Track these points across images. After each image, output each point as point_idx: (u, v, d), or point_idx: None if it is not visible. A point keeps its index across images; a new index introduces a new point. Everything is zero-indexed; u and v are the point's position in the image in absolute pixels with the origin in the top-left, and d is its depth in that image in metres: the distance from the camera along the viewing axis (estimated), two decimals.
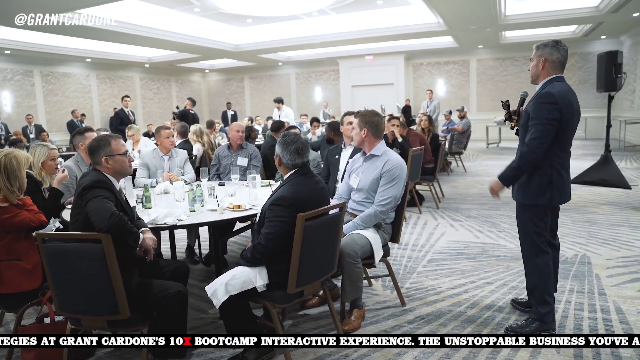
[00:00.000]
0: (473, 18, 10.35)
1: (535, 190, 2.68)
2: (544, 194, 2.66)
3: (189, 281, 3.17)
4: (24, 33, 10.39)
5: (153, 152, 4.60)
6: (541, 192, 2.66)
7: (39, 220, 2.66)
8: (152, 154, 4.56)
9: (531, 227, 2.75)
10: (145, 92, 17.47)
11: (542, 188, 2.66)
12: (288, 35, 12.93)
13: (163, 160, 4.53)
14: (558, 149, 2.64)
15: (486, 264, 4.01)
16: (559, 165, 2.65)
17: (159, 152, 4.56)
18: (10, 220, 2.57)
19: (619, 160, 9.21)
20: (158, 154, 4.55)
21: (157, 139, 4.59)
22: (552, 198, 2.66)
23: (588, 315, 2.99)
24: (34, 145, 3.46)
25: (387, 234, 3.16)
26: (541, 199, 2.67)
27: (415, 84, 16.63)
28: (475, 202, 6.43)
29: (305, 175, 2.63)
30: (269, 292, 2.51)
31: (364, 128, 3.13)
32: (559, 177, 2.65)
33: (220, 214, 3.03)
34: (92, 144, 2.55)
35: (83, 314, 2.32)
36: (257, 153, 4.79)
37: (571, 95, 2.63)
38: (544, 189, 2.65)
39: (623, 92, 13.03)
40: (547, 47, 2.66)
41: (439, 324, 2.96)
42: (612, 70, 6.60)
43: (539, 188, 2.67)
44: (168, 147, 4.54)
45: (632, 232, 4.71)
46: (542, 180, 2.65)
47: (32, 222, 2.63)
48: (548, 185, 2.65)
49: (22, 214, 2.61)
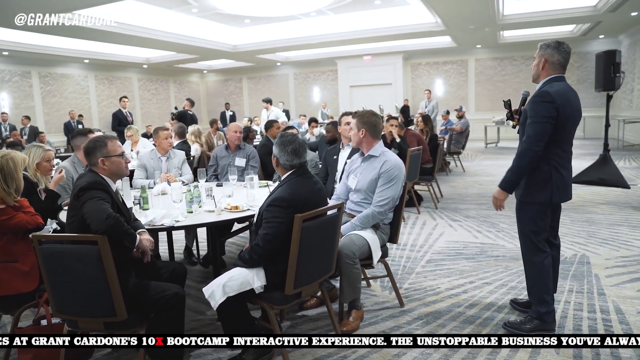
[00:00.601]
0: (471, 18, 10.35)
1: (535, 188, 2.67)
2: (543, 191, 2.65)
3: (187, 282, 3.16)
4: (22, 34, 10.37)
5: (151, 153, 4.58)
6: (540, 190, 2.66)
7: (35, 222, 2.65)
8: (150, 155, 4.55)
9: (530, 225, 2.74)
10: (144, 93, 17.44)
11: (542, 186, 2.65)
12: (286, 36, 12.92)
13: (161, 161, 4.51)
14: (557, 148, 2.63)
15: (485, 264, 4.00)
16: (558, 163, 2.64)
17: (157, 153, 4.54)
18: (7, 222, 2.55)
19: (617, 160, 9.21)
20: (156, 155, 4.53)
21: (155, 140, 4.57)
22: (551, 196, 2.65)
23: (587, 315, 2.98)
24: (29, 146, 3.45)
25: (385, 234, 3.15)
26: (540, 196, 2.67)
27: (413, 84, 16.63)
28: (474, 202, 6.42)
29: (303, 176, 2.62)
30: (266, 293, 2.50)
31: (362, 128, 3.12)
32: (559, 175, 2.65)
33: (218, 215, 3.02)
34: (89, 145, 2.54)
35: (80, 316, 2.31)
36: (255, 153, 4.78)
37: (570, 94, 2.63)
38: (543, 186, 2.65)
39: (621, 91, 13.05)
40: (549, 48, 2.67)
41: (437, 325, 2.95)
42: (611, 70, 6.61)
43: (538, 186, 2.66)
44: (166, 148, 4.53)
45: (631, 231, 4.71)
46: (540, 178, 2.65)
47: (29, 224, 2.62)
48: (547, 183, 2.64)
49: (18, 216, 2.59)
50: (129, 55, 14.54)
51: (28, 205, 2.70)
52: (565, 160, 2.70)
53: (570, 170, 2.75)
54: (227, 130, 4.83)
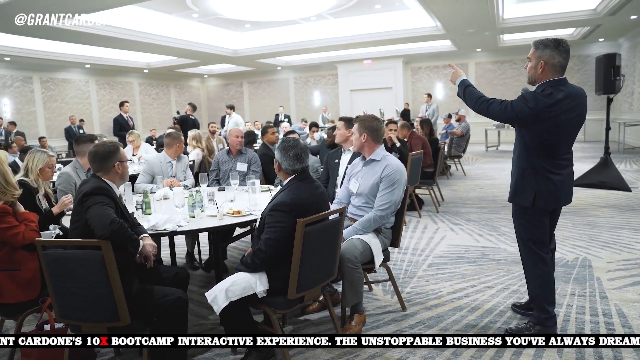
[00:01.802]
0: (471, 21, 10.38)
1: (520, 191, 2.66)
2: (527, 195, 2.62)
3: (189, 287, 3.16)
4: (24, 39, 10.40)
5: (160, 156, 4.60)
6: (523, 194, 2.63)
7: (31, 239, 2.57)
8: (159, 159, 4.56)
9: (527, 233, 2.72)
10: (144, 98, 17.49)
11: (525, 190, 2.62)
12: (286, 40, 12.97)
13: (171, 166, 4.53)
14: (546, 153, 2.56)
15: (487, 267, 4.01)
16: (545, 169, 2.56)
17: (167, 157, 4.56)
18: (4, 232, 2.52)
19: (618, 163, 9.22)
20: (166, 159, 4.55)
21: (172, 145, 4.58)
22: (534, 200, 2.59)
23: (590, 318, 2.98)
24: (33, 151, 3.44)
25: (387, 238, 3.15)
26: (523, 200, 2.64)
27: (413, 88, 16.66)
28: (475, 205, 6.43)
29: (305, 181, 2.63)
30: (269, 297, 2.50)
31: (364, 133, 3.12)
32: (545, 180, 2.56)
33: (220, 220, 3.03)
34: (104, 150, 2.55)
35: (83, 321, 2.31)
36: (257, 158, 4.79)
37: (575, 98, 2.52)
38: (527, 190, 2.61)
39: (622, 94, 13.07)
40: (548, 49, 2.50)
41: (439, 329, 2.95)
42: (611, 73, 6.63)
43: (522, 189, 2.64)
44: (179, 152, 4.59)
45: (633, 234, 4.71)
46: (525, 182, 2.63)
47: (25, 239, 2.55)
48: (531, 187, 2.60)
49: (19, 228, 2.55)
50: (130, 60, 14.60)
51: (34, 221, 2.67)
52: (556, 166, 2.58)
53: (566, 175, 2.63)
54: (229, 135, 4.85)
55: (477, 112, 2.68)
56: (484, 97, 2.66)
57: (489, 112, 2.61)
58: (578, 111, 2.56)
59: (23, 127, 12.23)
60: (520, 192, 2.66)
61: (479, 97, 2.66)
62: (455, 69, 2.89)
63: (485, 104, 2.62)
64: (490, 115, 2.63)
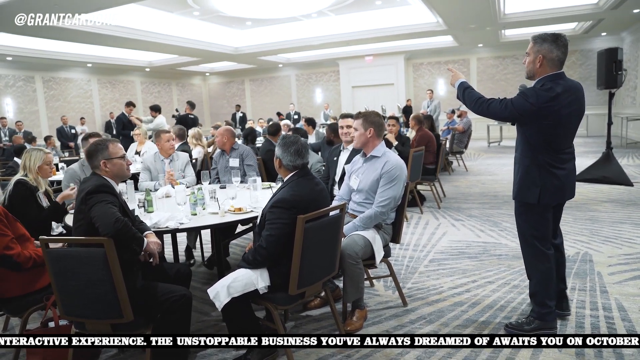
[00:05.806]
0: (472, 17, 10.37)
1: (524, 189, 2.66)
2: (532, 192, 2.62)
3: (192, 284, 3.18)
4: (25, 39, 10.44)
5: (154, 155, 4.61)
6: (528, 190, 2.64)
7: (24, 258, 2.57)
8: (153, 158, 4.58)
9: (530, 230, 2.73)
10: (146, 96, 17.52)
11: (530, 186, 2.63)
12: (288, 37, 12.97)
13: (164, 164, 4.54)
14: (548, 148, 2.57)
15: (488, 263, 4.02)
16: (548, 164, 2.58)
17: (160, 156, 4.58)
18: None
19: (620, 158, 9.20)
20: (159, 158, 4.56)
21: (158, 143, 4.59)
22: (540, 196, 2.60)
23: (590, 313, 2.99)
24: (29, 150, 3.45)
25: (387, 234, 3.17)
26: (529, 197, 2.64)
27: (415, 84, 16.64)
28: (476, 201, 6.43)
29: (305, 177, 2.65)
30: (270, 293, 2.53)
31: (370, 128, 3.13)
32: (549, 176, 2.58)
33: (222, 217, 3.05)
34: (90, 148, 2.55)
35: (87, 318, 2.33)
36: (249, 152, 4.71)
37: (577, 93, 2.53)
38: (532, 187, 2.62)
39: (624, 89, 13.03)
40: (546, 43, 2.51)
41: (440, 324, 2.97)
42: (613, 67, 6.60)
43: (527, 186, 2.64)
44: (169, 151, 4.55)
45: (634, 229, 4.71)
46: (529, 178, 2.63)
47: (14, 256, 2.54)
48: (535, 183, 2.61)
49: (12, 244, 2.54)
50: (132, 59, 14.63)
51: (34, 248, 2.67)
52: (560, 161, 2.60)
53: (569, 170, 2.65)
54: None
55: (478, 113, 2.68)
56: (483, 97, 2.67)
57: (490, 112, 2.62)
58: (577, 105, 2.57)
59: (25, 126, 12.27)
60: (525, 189, 2.66)
61: (479, 98, 2.68)
62: (454, 72, 2.89)
63: (485, 104, 2.63)
64: (491, 115, 2.63)
